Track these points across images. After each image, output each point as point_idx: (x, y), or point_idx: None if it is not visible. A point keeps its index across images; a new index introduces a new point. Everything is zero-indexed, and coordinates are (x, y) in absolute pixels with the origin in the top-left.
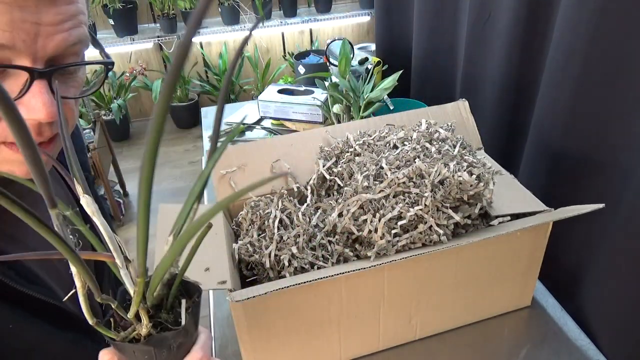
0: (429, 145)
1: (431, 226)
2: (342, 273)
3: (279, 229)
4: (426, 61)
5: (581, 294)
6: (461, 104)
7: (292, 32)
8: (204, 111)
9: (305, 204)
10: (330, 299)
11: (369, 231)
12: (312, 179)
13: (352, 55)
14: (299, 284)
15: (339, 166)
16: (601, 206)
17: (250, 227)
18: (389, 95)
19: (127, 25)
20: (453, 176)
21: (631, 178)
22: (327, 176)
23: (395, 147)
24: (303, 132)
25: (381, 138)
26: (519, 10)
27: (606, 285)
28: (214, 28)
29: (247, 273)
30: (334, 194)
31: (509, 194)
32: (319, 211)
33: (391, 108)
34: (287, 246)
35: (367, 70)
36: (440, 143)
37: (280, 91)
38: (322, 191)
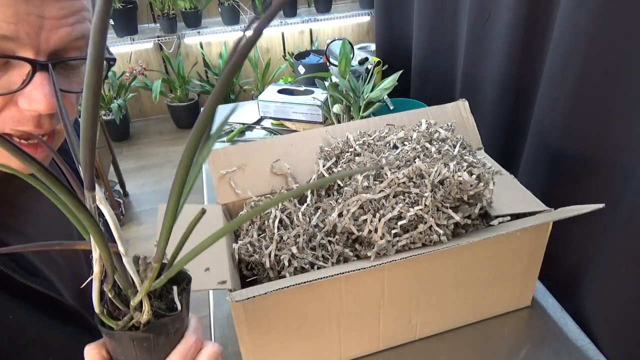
0: (429, 145)
1: (431, 226)
2: (342, 273)
3: (279, 229)
4: (426, 61)
5: (581, 294)
6: (461, 104)
7: (292, 32)
8: None
9: (305, 204)
10: (330, 299)
11: (369, 231)
12: (312, 179)
13: (352, 55)
14: (299, 284)
15: (339, 166)
16: (601, 206)
17: (250, 227)
18: (389, 95)
19: (127, 25)
20: (453, 176)
21: (631, 178)
22: (327, 176)
23: (395, 147)
24: (303, 132)
25: (381, 138)
26: (519, 10)
27: (606, 285)
28: (214, 28)
29: (247, 273)
30: (334, 194)
31: (509, 194)
32: (319, 211)
33: (391, 108)
34: (287, 246)
35: (367, 70)
36: (440, 143)
37: (280, 91)
38: (322, 191)
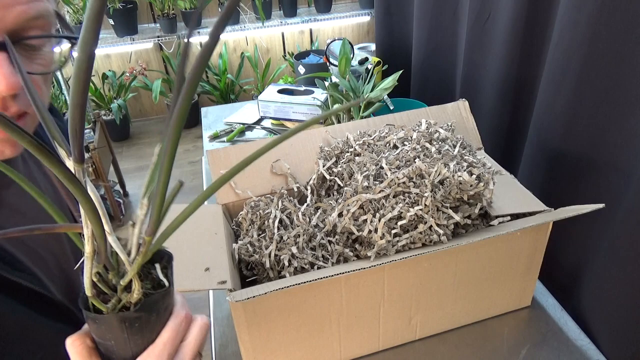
0: (429, 145)
1: (431, 226)
2: (342, 273)
3: (279, 229)
4: (426, 61)
5: (581, 294)
6: (461, 104)
7: (292, 32)
8: (203, 111)
9: (305, 204)
10: (330, 299)
11: (369, 231)
12: (312, 179)
13: (352, 55)
14: (299, 284)
15: (339, 166)
16: (601, 206)
17: (250, 227)
18: (389, 95)
19: (127, 25)
20: (453, 176)
21: (631, 178)
22: (327, 176)
23: (395, 147)
24: (303, 132)
25: (381, 138)
26: (519, 10)
27: (606, 285)
28: None
29: (247, 273)
30: (334, 194)
31: (509, 194)
32: (319, 211)
33: (391, 108)
34: (287, 246)
35: (367, 70)
36: (440, 143)
37: (280, 91)
38: (322, 191)
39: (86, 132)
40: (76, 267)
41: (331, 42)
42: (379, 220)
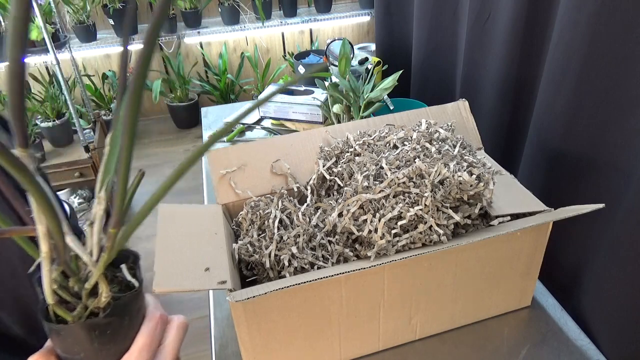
0: (429, 145)
1: (431, 226)
2: (342, 273)
3: (279, 229)
4: (426, 61)
5: (581, 294)
6: (461, 104)
7: (292, 32)
8: (203, 111)
9: (305, 204)
10: (330, 299)
11: (369, 231)
12: (312, 179)
13: (352, 55)
14: (299, 284)
15: (339, 166)
16: (601, 206)
17: (250, 227)
18: (389, 95)
19: None
20: (453, 176)
21: (631, 178)
22: (327, 176)
23: (395, 147)
24: (303, 132)
25: (381, 138)
26: (519, 10)
27: (606, 285)
28: (214, 28)
29: (247, 273)
30: (334, 194)
31: (509, 194)
32: (319, 211)
33: (391, 108)
34: (287, 246)
35: (367, 70)
36: (440, 143)
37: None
38: (322, 191)
39: (86, 132)
40: (30, 270)
41: (331, 42)
42: (379, 220)
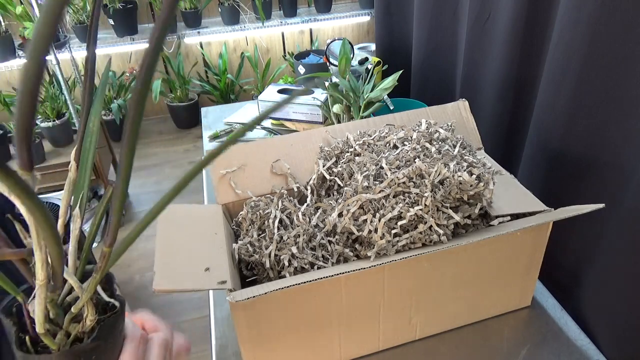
0: (429, 145)
1: (431, 226)
2: (342, 273)
3: (279, 229)
4: (426, 61)
5: (581, 294)
6: (461, 104)
7: (292, 32)
8: (203, 111)
9: (305, 204)
10: (330, 299)
11: (369, 231)
12: (312, 179)
13: (352, 55)
14: (299, 284)
15: (339, 166)
16: (601, 206)
17: (250, 227)
18: (389, 95)
19: (127, 25)
20: (453, 176)
21: (631, 178)
22: (327, 176)
23: (395, 147)
24: (303, 132)
25: (381, 138)
26: (519, 10)
27: (606, 285)
28: (214, 28)
29: (247, 273)
30: (334, 194)
31: (509, 194)
32: (319, 211)
33: (391, 108)
34: (287, 246)
35: (367, 70)
36: (440, 143)
37: (280, 91)
38: (322, 191)
39: None
40: (29, 301)
41: (331, 42)
42: (379, 220)
